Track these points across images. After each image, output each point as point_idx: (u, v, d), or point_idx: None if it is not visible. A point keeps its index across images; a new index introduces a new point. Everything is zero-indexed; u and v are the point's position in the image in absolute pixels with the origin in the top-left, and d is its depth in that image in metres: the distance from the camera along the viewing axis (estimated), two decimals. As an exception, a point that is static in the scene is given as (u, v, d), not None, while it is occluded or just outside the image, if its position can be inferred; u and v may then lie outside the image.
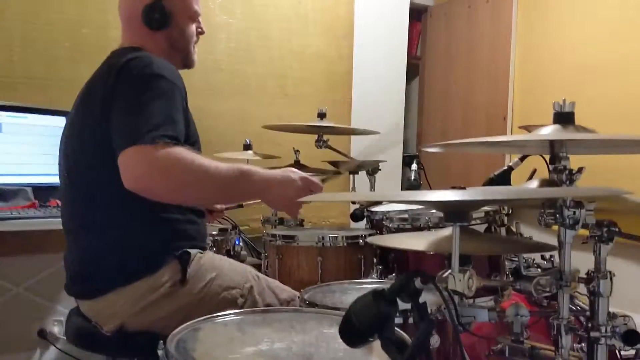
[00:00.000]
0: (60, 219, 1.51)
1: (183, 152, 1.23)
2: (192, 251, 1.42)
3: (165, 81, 1.30)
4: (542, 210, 1.02)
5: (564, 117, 1.12)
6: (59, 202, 2.10)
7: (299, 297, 1.45)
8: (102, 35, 2.51)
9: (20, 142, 2.23)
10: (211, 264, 1.46)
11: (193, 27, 1.54)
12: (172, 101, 1.29)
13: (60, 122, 2.27)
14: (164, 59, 1.39)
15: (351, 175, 2.49)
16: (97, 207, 1.38)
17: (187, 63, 1.57)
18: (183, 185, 1.25)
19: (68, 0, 2.49)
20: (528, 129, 2.07)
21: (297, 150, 2.41)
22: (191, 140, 1.42)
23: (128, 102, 1.28)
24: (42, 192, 2.17)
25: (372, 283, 1.62)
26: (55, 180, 1.51)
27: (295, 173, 1.40)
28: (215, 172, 1.27)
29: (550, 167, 1.10)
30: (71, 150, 1.44)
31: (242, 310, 1.22)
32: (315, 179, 1.43)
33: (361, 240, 1.89)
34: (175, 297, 1.38)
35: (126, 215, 1.36)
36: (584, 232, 1.04)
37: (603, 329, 1.02)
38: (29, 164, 2.25)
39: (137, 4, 1.46)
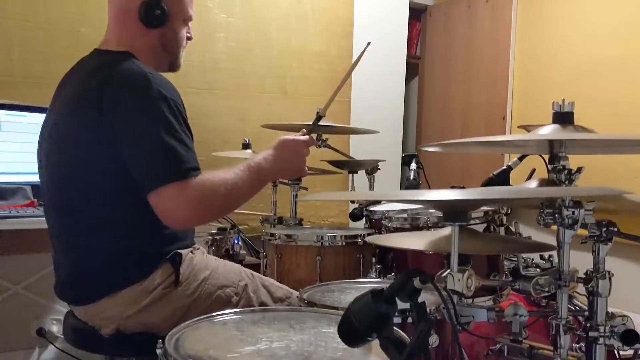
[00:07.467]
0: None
1: (209, 178, 1.27)
2: (184, 252, 1.41)
3: (169, 102, 1.29)
4: (541, 210, 1.02)
5: (563, 117, 1.12)
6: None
7: (297, 296, 1.45)
8: (101, 34, 2.46)
9: (19, 141, 2.23)
10: (204, 264, 1.46)
11: (184, 30, 1.53)
12: (179, 124, 1.29)
13: (59, 120, 2.27)
14: (152, 67, 1.37)
15: (350, 175, 2.49)
16: (88, 214, 1.35)
17: (174, 66, 1.55)
18: (223, 208, 1.35)
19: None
20: (527, 128, 2.07)
21: (297, 150, 2.41)
22: None
23: (142, 134, 1.27)
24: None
25: (371, 282, 1.62)
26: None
27: (281, 139, 1.46)
28: (241, 182, 1.32)
29: (550, 166, 1.10)
30: (59, 157, 1.40)
31: (240, 309, 1.22)
32: (295, 134, 1.51)
33: (360, 240, 1.89)
34: (169, 300, 1.36)
35: (117, 221, 1.34)
36: (583, 232, 1.04)
37: (602, 329, 1.02)
38: (28, 162, 2.22)
39: (133, 0, 1.43)
